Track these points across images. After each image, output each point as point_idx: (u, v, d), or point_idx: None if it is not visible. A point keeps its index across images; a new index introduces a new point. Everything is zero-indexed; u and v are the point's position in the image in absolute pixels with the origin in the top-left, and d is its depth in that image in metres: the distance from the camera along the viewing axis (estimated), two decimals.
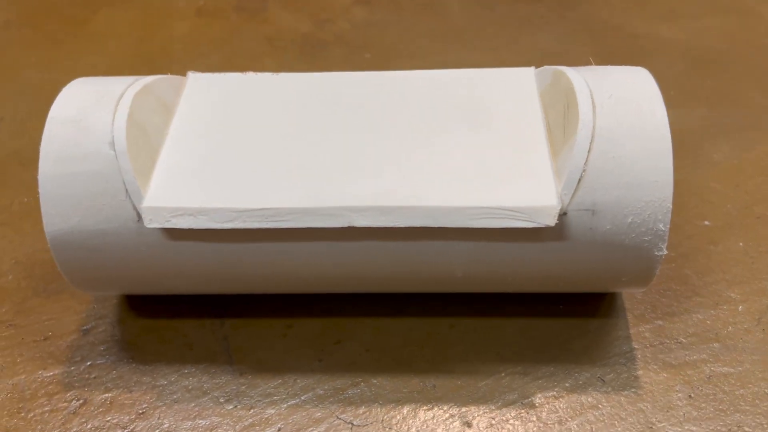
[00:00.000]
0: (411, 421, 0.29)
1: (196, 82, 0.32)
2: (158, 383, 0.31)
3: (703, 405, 0.29)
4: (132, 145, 0.27)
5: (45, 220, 0.27)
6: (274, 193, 0.27)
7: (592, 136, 0.26)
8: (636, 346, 0.31)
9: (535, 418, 0.28)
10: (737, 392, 0.29)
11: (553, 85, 0.29)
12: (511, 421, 0.28)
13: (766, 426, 0.28)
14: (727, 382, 0.29)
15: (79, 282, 0.29)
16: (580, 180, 0.26)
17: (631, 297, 0.33)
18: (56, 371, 0.31)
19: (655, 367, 0.30)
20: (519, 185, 0.26)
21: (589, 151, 0.26)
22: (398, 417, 0.29)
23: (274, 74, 0.32)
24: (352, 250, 0.27)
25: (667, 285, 0.33)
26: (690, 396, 0.29)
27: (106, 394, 0.30)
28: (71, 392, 0.30)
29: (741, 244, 0.35)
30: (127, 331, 0.33)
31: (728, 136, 0.41)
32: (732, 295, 0.33)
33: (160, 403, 0.30)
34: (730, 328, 0.31)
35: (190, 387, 0.30)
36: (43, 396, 0.30)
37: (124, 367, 0.31)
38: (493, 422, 0.28)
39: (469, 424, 0.28)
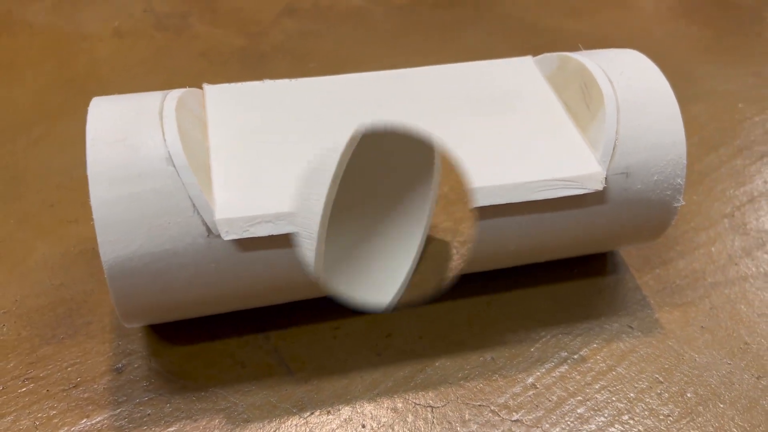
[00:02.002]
0: (484, 394, 0.30)
1: (216, 93, 0.31)
2: (221, 407, 0.29)
3: (715, 332, 0.33)
4: (189, 159, 0.26)
5: (102, 248, 0.25)
6: None
7: (618, 108, 0.30)
8: (646, 294, 0.35)
9: (588, 369, 0.31)
10: (735, 317, 0.34)
11: (561, 69, 0.32)
12: (570, 375, 0.31)
13: (763, 342, 0.33)
14: (724, 310, 0.34)
15: (132, 312, 0.27)
16: (614, 147, 0.29)
17: (628, 253, 0.37)
18: (102, 416, 0.29)
19: (667, 308, 0.34)
20: (562, 159, 0.29)
21: (617, 122, 0.29)
22: (471, 391, 0.30)
23: (292, 80, 0.32)
24: None
25: None
26: (702, 327, 0.33)
27: (170, 429, 0.28)
28: None
29: (695, 197, 0.41)
30: (167, 361, 0.31)
31: None
32: (702, 239, 0.38)
33: (232, 426, 0.29)
34: (711, 266, 0.37)
35: (257, 404, 0.29)
36: None
37: (178, 397, 0.29)
38: (555, 379, 0.31)
39: (534, 385, 0.31)
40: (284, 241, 0.27)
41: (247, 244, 0.26)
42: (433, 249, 0.35)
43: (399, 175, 0.34)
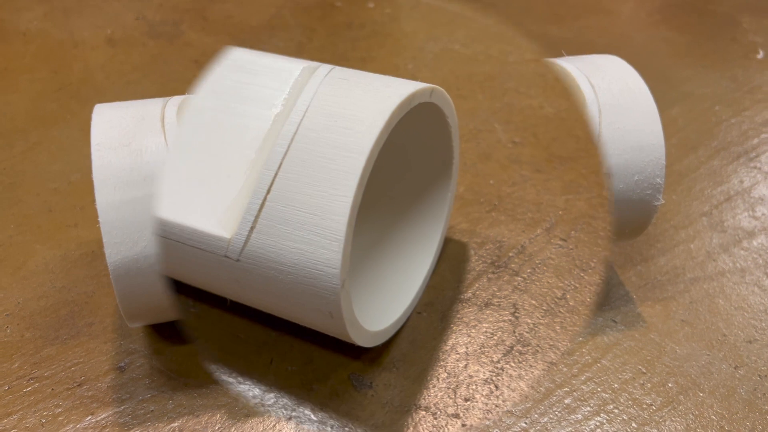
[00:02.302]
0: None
1: None
2: (222, 402, 0.30)
3: (695, 325, 0.35)
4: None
5: (108, 250, 0.26)
6: None
7: (599, 111, 0.31)
8: (629, 289, 0.36)
9: (574, 362, 0.33)
10: (713, 311, 0.36)
11: None
12: (557, 368, 0.32)
13: (739, 334, 0.35)
14: (703, 304, 0.36)
15: (136, 312, 0.28)
16: (596, 149, 0.31)
17: (610, 251, 0.38)
18: (107, 413, 0.29)
19: (649, 303, 0.36)
20: None
21: (600, 125, 0.31)
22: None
23: None
24: None
25: None
26: (682, 320, 0.35)
27: (173, 424, 0.29)
28: (133, 430, 0.29)
29: (674, 197, 0.42)
30: (169, 359, 0.32)
31: None
32: (682, 237, 0.40)
33: (233, 421, 0.30)
34: (691, 262, 0.38)
35: (257, 399, 0.30)
36: None
37: (180, 394, 0.30)
38: (543, 372, 0.32)
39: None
40: None
41: None
42: (450, 250, 0.37)
43: (417, 175, 0.35)
